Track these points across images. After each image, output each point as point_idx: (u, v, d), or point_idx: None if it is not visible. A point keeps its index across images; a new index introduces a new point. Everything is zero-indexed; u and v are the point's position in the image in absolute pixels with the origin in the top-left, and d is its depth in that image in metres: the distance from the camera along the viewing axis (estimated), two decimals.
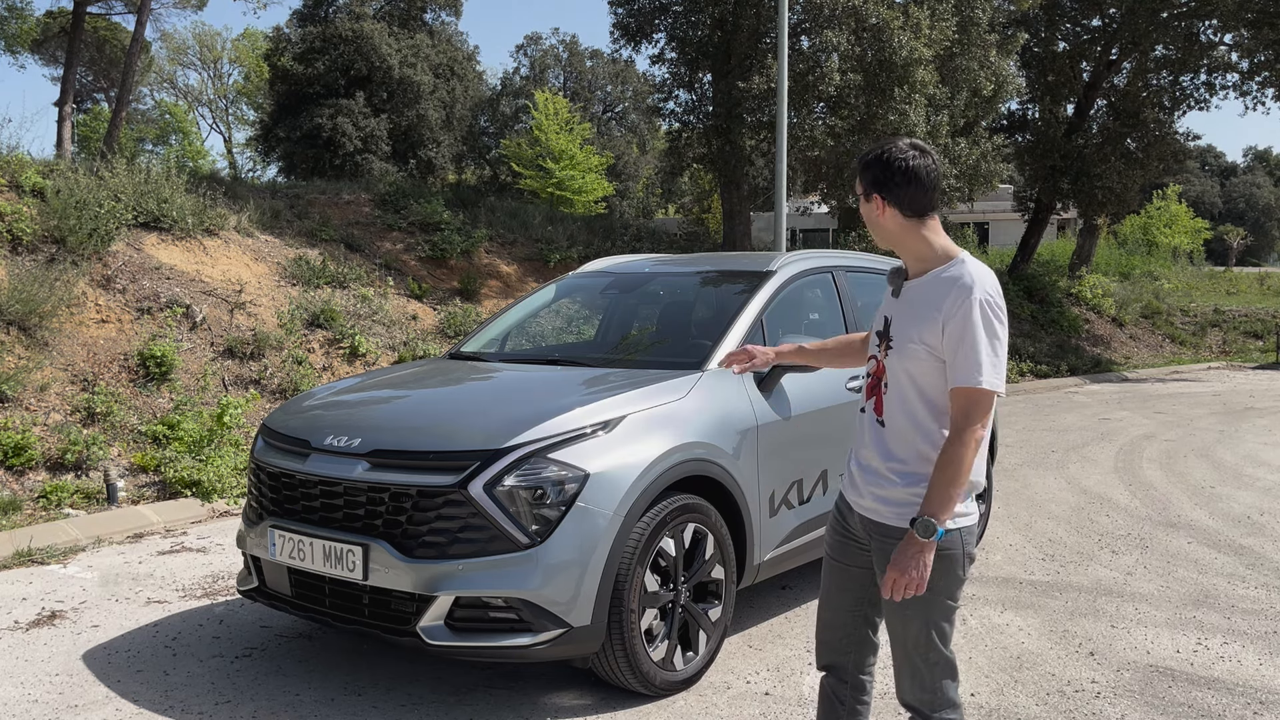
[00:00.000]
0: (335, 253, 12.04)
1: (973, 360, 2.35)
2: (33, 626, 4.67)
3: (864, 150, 2.60)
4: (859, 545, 2.66)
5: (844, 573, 2.70)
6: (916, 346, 2.44)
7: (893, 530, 2.51)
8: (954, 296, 2.38)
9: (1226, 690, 3.96)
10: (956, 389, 2.37)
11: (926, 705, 2.55)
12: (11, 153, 10.52)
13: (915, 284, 2.53)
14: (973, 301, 2.36)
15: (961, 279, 2.41)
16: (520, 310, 5.77)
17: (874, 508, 2.55)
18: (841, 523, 2.72)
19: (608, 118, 42.17)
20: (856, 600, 2.69)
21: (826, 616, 2.76)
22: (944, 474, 2.36)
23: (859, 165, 2.56)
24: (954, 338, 2.37)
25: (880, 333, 2.60)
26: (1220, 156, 71.18)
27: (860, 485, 2.60)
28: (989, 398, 2.36)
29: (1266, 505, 7.32)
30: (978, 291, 2.38)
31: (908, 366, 2.47)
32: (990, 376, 2.35)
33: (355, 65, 27.65)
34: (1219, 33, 20.13)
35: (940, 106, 15.26)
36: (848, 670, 2.75)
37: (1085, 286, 22.52)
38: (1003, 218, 37.73)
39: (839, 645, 2.74)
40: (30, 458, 6.94)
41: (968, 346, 2.35)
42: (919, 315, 2.45)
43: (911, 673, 2.55)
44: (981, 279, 2.41)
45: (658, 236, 17.71)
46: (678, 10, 17.19)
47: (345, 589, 3.73)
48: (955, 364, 2.37)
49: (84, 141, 37.25)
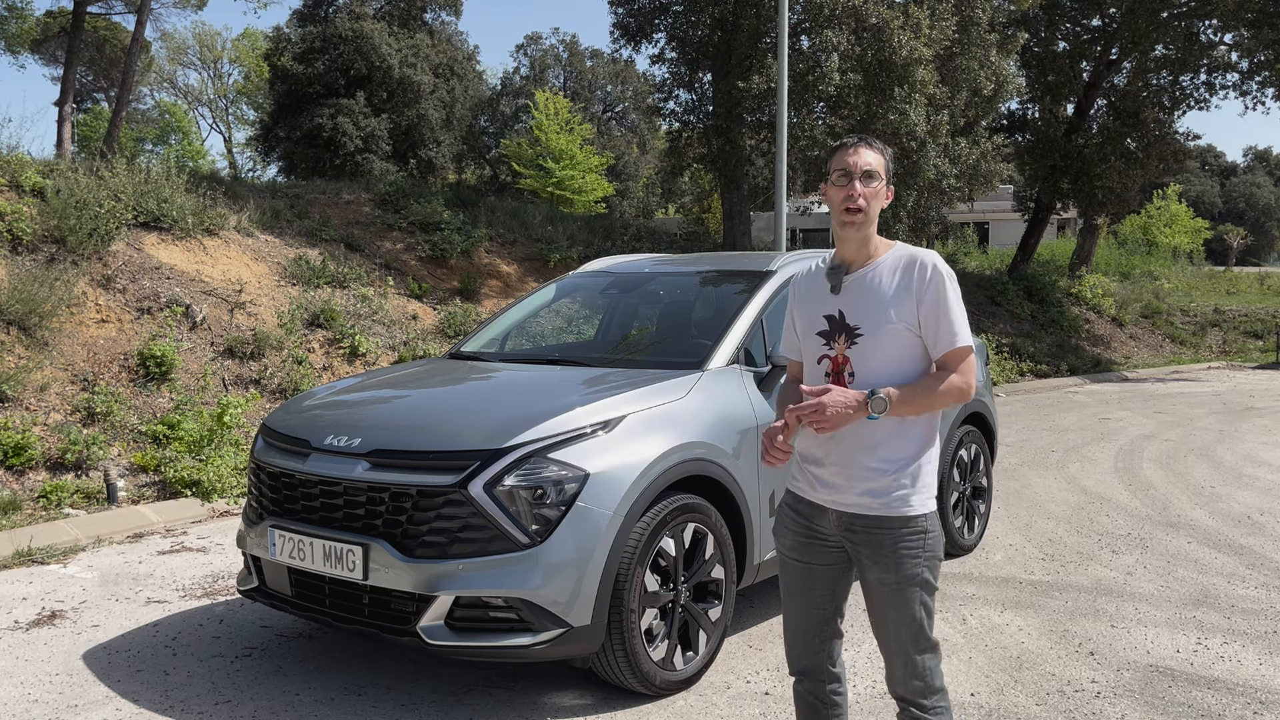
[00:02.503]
0: (335, 252, 12.04)
1: (953, 325, 2.54)
2: (33, 626, 4.67)
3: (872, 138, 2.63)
4: (826, 544, 2.66)
5: (809, 572, 2.70)
6: (896, 325, 2.54)
7: (886, 520, 2.54)
8: (920, 274, 2.55)
9: (1226, 690, 3.96)
10: (947, 353, 2.55)
11: (920, 694, 2.59)
12: (11, 152, 10.52)
13: (863, 274, 2.61)
14: (941, 275, 2.55)
15: (919, 258, 2.58)
16: (520, 310, 5.77)
17: (860, 501, 2.56)
18: (803, 524, 2.69)
19: (608, 118, 42.17)
20: (825, 597, 2.70)
21: (796, 620, 2.76)
22: (926, 387, 2.52)
23: (880, 151, 2.60)
24: (931, 310, 2.54)
25: (827, 331, 2.62)
26: (1220, 156, 71.13)
27: (837, 483, 2.59)
28: (968, 353, 2.57)
29: (1266, 505, 7.32)
30: (940, 266, 2.57)
31: (884, 347, 2.55)
32: (965, 335, 2.57)
33: (355, 65, 27.65)
34: (1219, 32, 20.13)
35: (940, 106, 15.26)
36: (821, 668, 2.76)
37: (1085, 286, 22.52)
38: (1003, 218, 37.75)
39: (811, 646, 2.74)
40: (30, 457, 6.94)
41: (946, 314, 2.54)
42: (886, 298, 2.55)
43: (904, 661, 2.59)
44: (933, 255, 2.60)
45: (658, 236, 17.71)
46: (678, 10, 17.19)
47: (345, 589, 3.73)
48: (938, 333, 2.55)
49: (84, 141, 37.25)
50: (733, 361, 4.45)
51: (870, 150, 2.57)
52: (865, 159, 2.55)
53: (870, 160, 2.55)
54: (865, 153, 2.55)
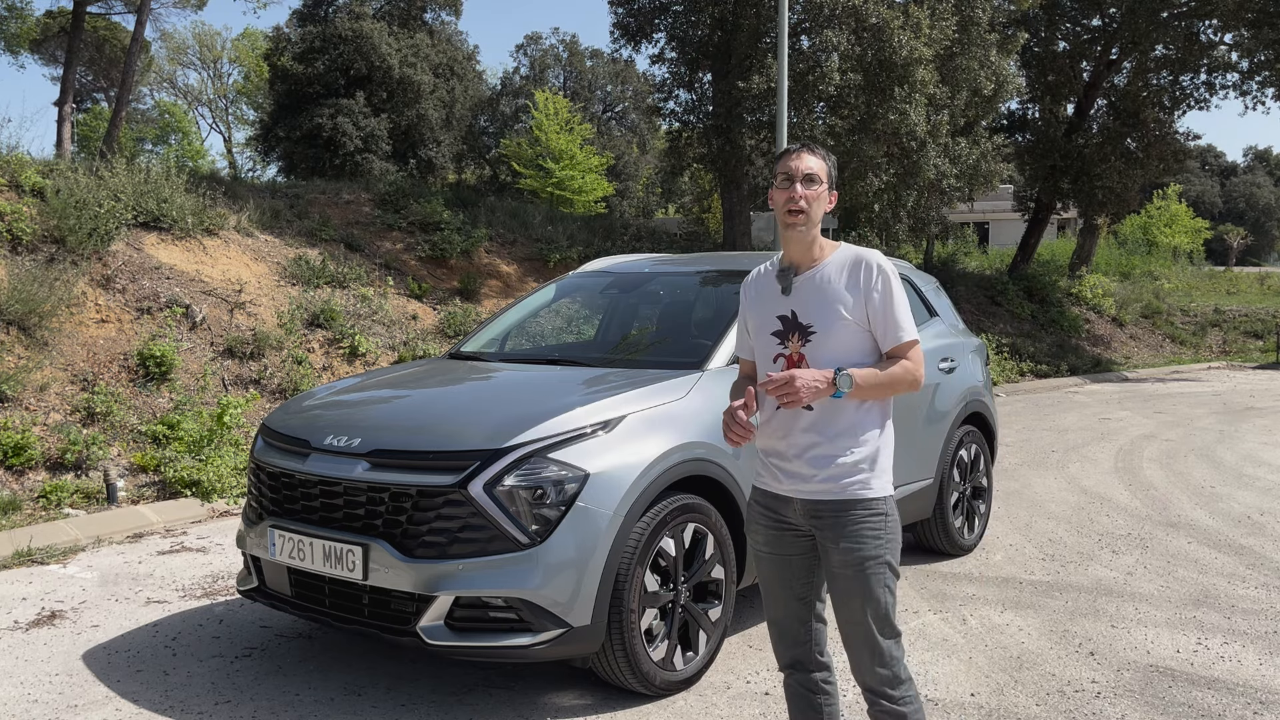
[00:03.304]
0: (335, 252, 12.04)
1: (899, 320, 2.66)
2: (33, 626, 4.67)
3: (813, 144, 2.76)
4: (797, 533, 2.74)
5: (784, 564, 2.77)
6: (847, 321, 2.65)
7: (848, 504, 2.63)
8: (867, 273, 2.66)
9: (1226, 690, 3.96)
10: (895, 346, 2.67)
11: (888, 684, 2.65)
12: (11, 152, 10.52)
13: (811, 274, 2.71)
14: (887, 273, 2.67)
15: (865, 258, 2.70)
16: (520, 310, 5.77)
17: (823, 488, 2.65)
18: (773, 516, 2.77)
19: (608, 118, 42.18)
20: (804, 586, 2.77)
21: (778, 614, 2.82)
22: (883, 370, 2.64)
23: (823, 157, 2.71)
24: (879, 306, 2.65)
25: (781, 331, 2.71)
26: (1220, 156, 71.10)
27: (801, 472, 2.67)
28: (914, 343, 2.69)
29: (1266, 505, 7.32)
30: (886, 264, 2.69)
31: (836, 344, 2.65)
32: (911, 329, 2.69)
33: (355, 65, 27.64)
34: (1219, 32, 20.13)
35: (940, 106, 15.26)
36: (810, 659, 2.81)
37: (1085, 286, 22.52)
38: (1003, 218, 37.76)
39: (796, 637, 2.80)
40: (30, 457, 6.94)
41: (891, 310, 2.66)
42: (836, 297, 2.66)
43: (870, 649, 2.64)
44: (878, 254, 2.73)
45: (658, 236, 17.71)
46: (678, 10, 17.19)
47: (345, 589, 3.73)
48: (886, 327, 2.67)
49: (84, 141, 37.26)
50: (732, 361, 4.44)
51: (812, 156, 2.69)
52: (806, 163, 2.67)
53: (811, 165, 2.67)
54: (807, 158, 2.68)
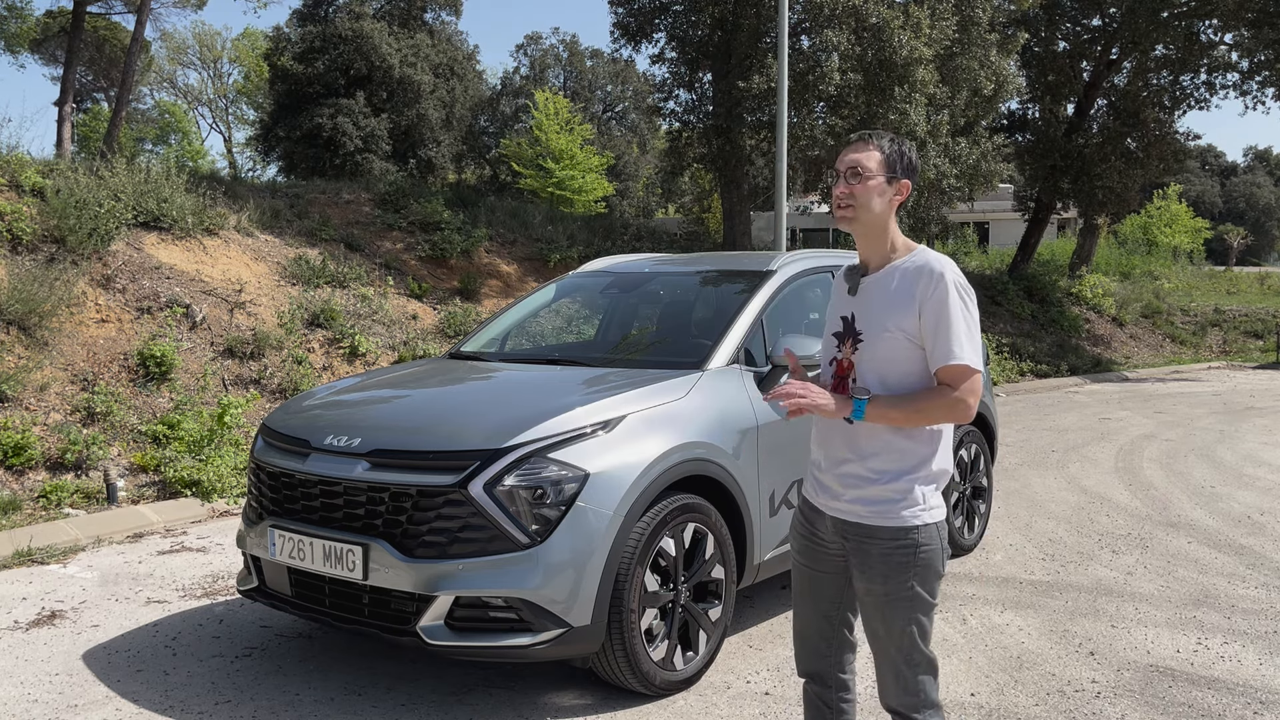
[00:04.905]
0: (335, 252, 12.03)
1: (953, 339, 2.42)
2: (33, 626, 4.66)
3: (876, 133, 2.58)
4: (827, 550, 2.64)
5: (815, 578, 2.69)
6: (894, 334, 2.47)
7: (874, 530, 2.50)
8: (926, 282, 2.45)
9: (1226, 690, 3.96)
10: (942, 368, 2.44)
11: (910, 708, 2.55)
12: (11, 152, 10.52)
13: (876, 277, 2.56)
14: (947, 285, 2.44)
15: (930, 265, 2.48)
16: (520, 310, 5.77)
17: (851, 509, 2.54)
18: (808, 528, 2.69)
19: (608, 118, 42.20)
20: (831, 604, 2.68)
21: (802, 624, 2.75)
22: (915, 399, 2.43)
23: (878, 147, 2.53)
24: (931, 321, 2.44)
25: (840, 333, 2.60)
26: (1220, 156, 71.12)
27: (833, 488, 2.58)
28: (972, 373, 2.43)
29: (1266, 505, 7.31)
30: (950, 275, 2.46)
31: (881, 356, 2.50)
32: (970, 354, 2.43)
33: (355, 65, 27.65)
34: (1219, 32, 20.12)
35: (940, 106, 15.26)
36: (830, 674, 2.74)
37: (1085, 286, 22.51)
38: (1003, 217, 37.76)
39: (818, 650, 2.73)
40: (30, 457, 6.94)
41: (945, 327, 2.42)
42: (891, 304, 2.49)
43: (895, 675, 2.55)
44: (948, 265, 2.49)
45: (658, 236, 17.71)
46: (678, 10, 17.19)
47: (345, 589, 3.73)
48: (936, 345, 2.44)
49: (84, 141, 37.25)
50: (733, 361, 4.45)
51: (866, 147, 2.54)
52: (850, 157, 2.53)
53: (858, 158, 2.52)
54: (855, 151, 2.54)
